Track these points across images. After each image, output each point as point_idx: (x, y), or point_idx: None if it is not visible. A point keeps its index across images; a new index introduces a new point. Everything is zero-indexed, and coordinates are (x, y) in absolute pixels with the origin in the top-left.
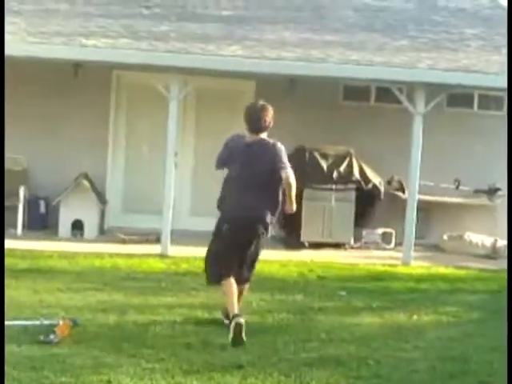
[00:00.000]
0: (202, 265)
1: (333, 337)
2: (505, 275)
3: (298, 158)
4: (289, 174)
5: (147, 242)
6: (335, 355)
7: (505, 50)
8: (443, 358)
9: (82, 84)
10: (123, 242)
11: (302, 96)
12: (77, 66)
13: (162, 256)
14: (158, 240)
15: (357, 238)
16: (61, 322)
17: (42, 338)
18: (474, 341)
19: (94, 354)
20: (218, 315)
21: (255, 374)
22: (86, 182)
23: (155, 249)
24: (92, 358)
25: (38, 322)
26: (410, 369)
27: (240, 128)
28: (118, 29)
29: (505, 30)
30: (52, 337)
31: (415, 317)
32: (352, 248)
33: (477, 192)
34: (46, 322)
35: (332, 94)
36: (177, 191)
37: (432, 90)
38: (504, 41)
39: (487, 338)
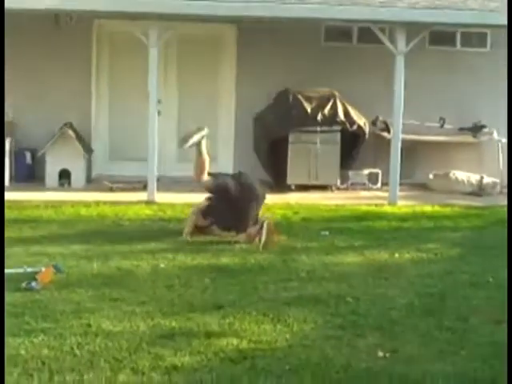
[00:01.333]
0: (187, 211)
1: (313, 276)
2: (489, 211)
3: (282, 101)
4: None
5: (134, 189)
6: (314, 294)
7: None
8: (422, 295)
9: (64, 34)
10: (110, 190)
11: (283, 38)
12: (58, 15)
13: (149, 203)
14: (144, 187)
15: (343, 180)
16: (43, 269)
17: (24, 285)
18: (453, 277)
19: (76, 300)
20: (201, 259)
21: (234, 314)
22: (70, 132)
23: (142, 196)
24: (73, 304)
25: (21, 270)
26: (388, 306)
27: (222, 74)
28: None
29: None
30: (34, 284)
31: (396, 255)
32: (338, 189)
33: (462, 130)
34: (30, 270)
35: (314, 35)
36: (162, 138)
37: (413, 28)
38: None
39: (467, 274)
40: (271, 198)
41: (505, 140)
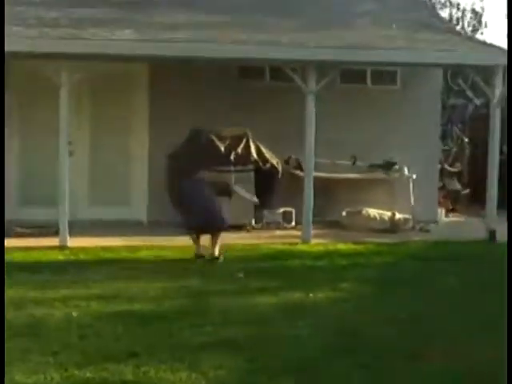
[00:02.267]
0: (101, 254)
1: (228, 319)
2: (402, 247)
3: (195, 140)
4: None
5: (46, 234)
6: (229, 338)
7: (395, 25)
8: (337, 334)
9: None
10: (21, 235)
11: (196, 77)
12: None
13: (61, 248)
14: (56, 232)
15: (258, 219)
16: None
17: None
18: (367, 315)
19: None
20: (114, 305)
21: (149, 362)
22: None
23: (54, 241)
24: None
25: None
26: (303, 346)
27: (135, 113)
28: (8, 17)
29: (396, 5)
30: None
31: (311, 294)
32: (254, 229)
33: (372, 167)
34: None
35: (227, 73)
36: (74, 180)
37: (323, 67)
38: (394, 15)
39: (381, 311)
40: (185, 239)
41: (415, 176)
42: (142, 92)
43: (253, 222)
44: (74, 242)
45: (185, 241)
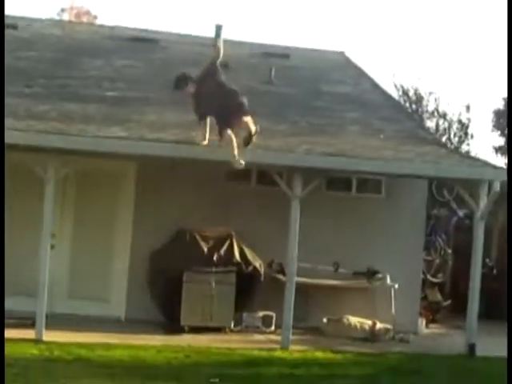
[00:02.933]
0: (75, 351)
1: None
2: (381, 358)
3: (179, 239)
4: None
5: (22, 325)
6: None
7: (382, 135)
8: None
9: None
10: None
11: (182, 177)
12: None
13: (37, 341)
14: (33, 324)
15: (237, 322)
16: None
17: None
18: None
19: None
20: None
21: None
22: None
23: (30, 333)
24: None
25: None
26: None
27: (119, 210)
28: None
29: (383, 114)
30: None
31: None
32: (232, 332)
33: (356, 274)
34: None
35: (213, 175)
36: (54, 273)
37: (310, 174)
38: (382, 125)
39: None
40: (164, 340)
41: (397, 285)
42: (127, 188)
43: (232, 324)
44: (49, 336)
45: (162, 340)
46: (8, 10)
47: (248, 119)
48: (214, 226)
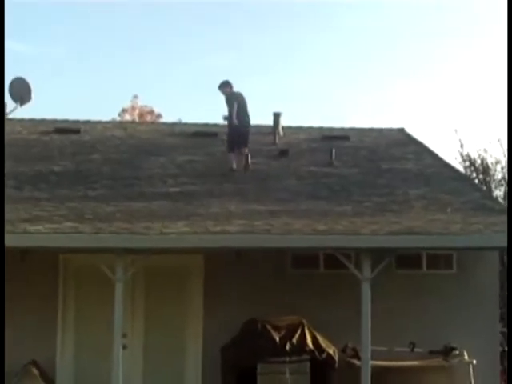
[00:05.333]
0: None
1: None
2: None
3: (250, 330)
4: None
5: None
6: None
7: (449, 209)
8: None
9: (30, 268)
10: None
11: (249, 267)
12: (23, 251)
13: None
14: None
15: None
16: None
17: None
18: None
19: None
20: None
21: None
22: (34, 370)
23: None
24: None
25: None
26: None
27: (189, 305)
28: (64, 212)
29: (449, 187)
30: None
31: None
32: None
33: (432, 353)
34: None
35: (280, 262)
36: (128, 373)
37: (378, 254)
38: (448, 198)
39: None
40: None
41: (475, 361)
42: (195, 282)
43: None
44: None
45: None
46: (69, 115)
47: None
48: (284, 314)
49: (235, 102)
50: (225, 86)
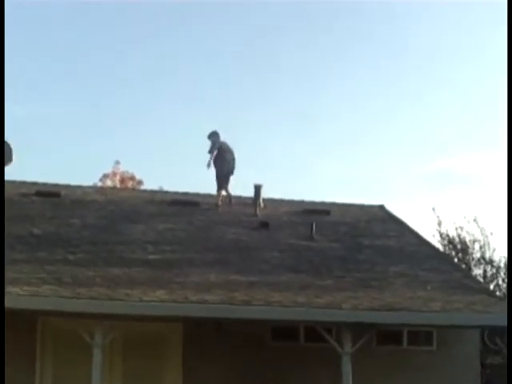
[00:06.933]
0: None
1: None
2: None
3: None
4: None
5: None
6: None
7: (429, 286)
8: None
9: (8, 329)
10: None
11: (229, 337)
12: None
13: None
14: None
15: None
16: None
17: None
18: None
19: None
20: None
21: None
22: None
23: None
24: None
25: None
26: None
27: (168, 374)
28: (42, 275)
29: (429, 266)
30: None
31: None
32: None
33: None
34: None
35: (260, 334)
36: None
37: (358, 329)
38: (428, 276)
39: None
40: None
41: None
42: (175, 351)
43: None
44: None
45: None
46: (50, 178)
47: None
48: None
49: (216, 149)
50: (213, 136)
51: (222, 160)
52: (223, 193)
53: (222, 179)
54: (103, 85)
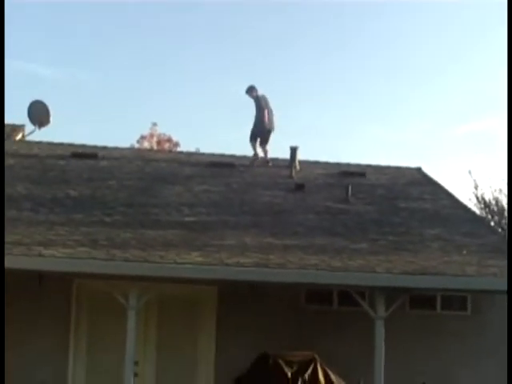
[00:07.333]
0: None
1: None
2: None
3: (262, 365)
4: None
5: None
6: None
7: (465, 251)
8: None
9: (43, 291)
10: None
11: (263, 300)
12: (38, 275)
13: None
14: None
15: None
16: None
17: None
18: None
19: None
20: None
21: None
22: None
23: None
24: None
25: None
26: None
27: (202, 336)
28: (78, 237)
29: (465, 229)
30: None
31: None
32: None
33: None
34: None
35: (294, 297)
36: None
37: (392, 293)
38: (464, 240)
39: None
40: None
41: None
42: (209, 313)
43: None
44: None
45: None
46: (87, 140)
47: None
48: (296, 349)
49: (263, 103)
50: (251, 91)
51: (270, 117)
52: (261, 150)
53: (264, 135)
54: (143, 48)
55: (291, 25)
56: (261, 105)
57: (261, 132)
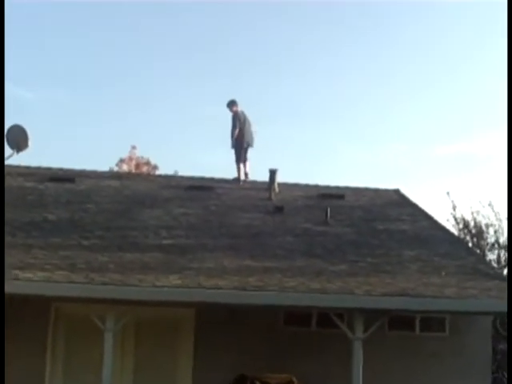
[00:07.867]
0: None
1: None
2: None
3: None
4: None
5: None
6: None
7: (444, 272)
8: None
9: (19, 315)
10: None
11: (242, 322)
12: (11, 298)
13: None
14: None
15: None
16: None
17: None
18: None
19: None
20: None
21: None
22: None
23: None
24: None
25: None
26: None
27: (179, 358)
28: (56, 261)
29: (444, 251)
30: None
31: None
32: None
33: None
34: None
35: (272, 319)
36: None
37: (371, 315)
38: (443, 261)
39: None
40: None
41: None
42: (187, 336)
43: None
44: None
45: None
46: (66, 163)
47: None
48: (274, 371)
49: (238, 122)
50: (231, 105)
51: (243, 131)
52: (242, 167)
53: (242, 151)
54: (120, 66)
55: (263, 45)
56: (234, 122)
57: (234, 148)
